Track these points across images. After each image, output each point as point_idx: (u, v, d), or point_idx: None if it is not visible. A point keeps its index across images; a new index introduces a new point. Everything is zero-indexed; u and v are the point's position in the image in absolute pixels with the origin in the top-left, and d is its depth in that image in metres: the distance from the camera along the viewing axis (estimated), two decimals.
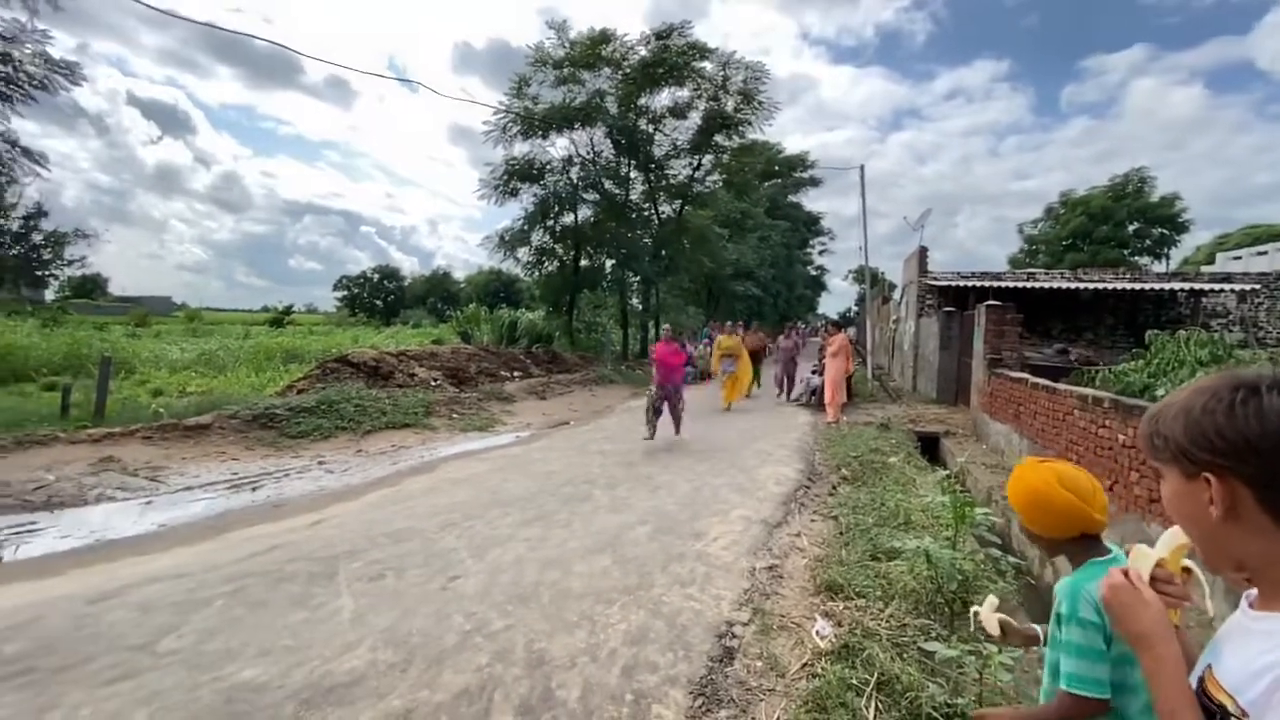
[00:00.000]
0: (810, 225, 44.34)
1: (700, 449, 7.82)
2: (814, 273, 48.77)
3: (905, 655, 2.79)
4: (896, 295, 20.95)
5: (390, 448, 7.70)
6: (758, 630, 3.17)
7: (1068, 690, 1.13)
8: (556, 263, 20.27)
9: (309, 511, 5.02)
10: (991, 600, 1.47)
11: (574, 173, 19.44)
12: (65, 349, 15.51)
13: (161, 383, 12.61)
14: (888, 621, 3.13)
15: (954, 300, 13.99)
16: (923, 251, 15.34)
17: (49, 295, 40.67)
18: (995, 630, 1.42)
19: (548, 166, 19.27)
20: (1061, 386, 6.28)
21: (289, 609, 3.17)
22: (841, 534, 4.61)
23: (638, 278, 21.04)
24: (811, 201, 45.22)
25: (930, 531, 4.27)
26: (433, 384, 11.41)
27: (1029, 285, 14.45)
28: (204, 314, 49.66)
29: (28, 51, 10.62)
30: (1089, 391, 5.62)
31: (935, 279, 15.04)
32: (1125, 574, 0.95)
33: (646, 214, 21.37)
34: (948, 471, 5.65)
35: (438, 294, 66.45)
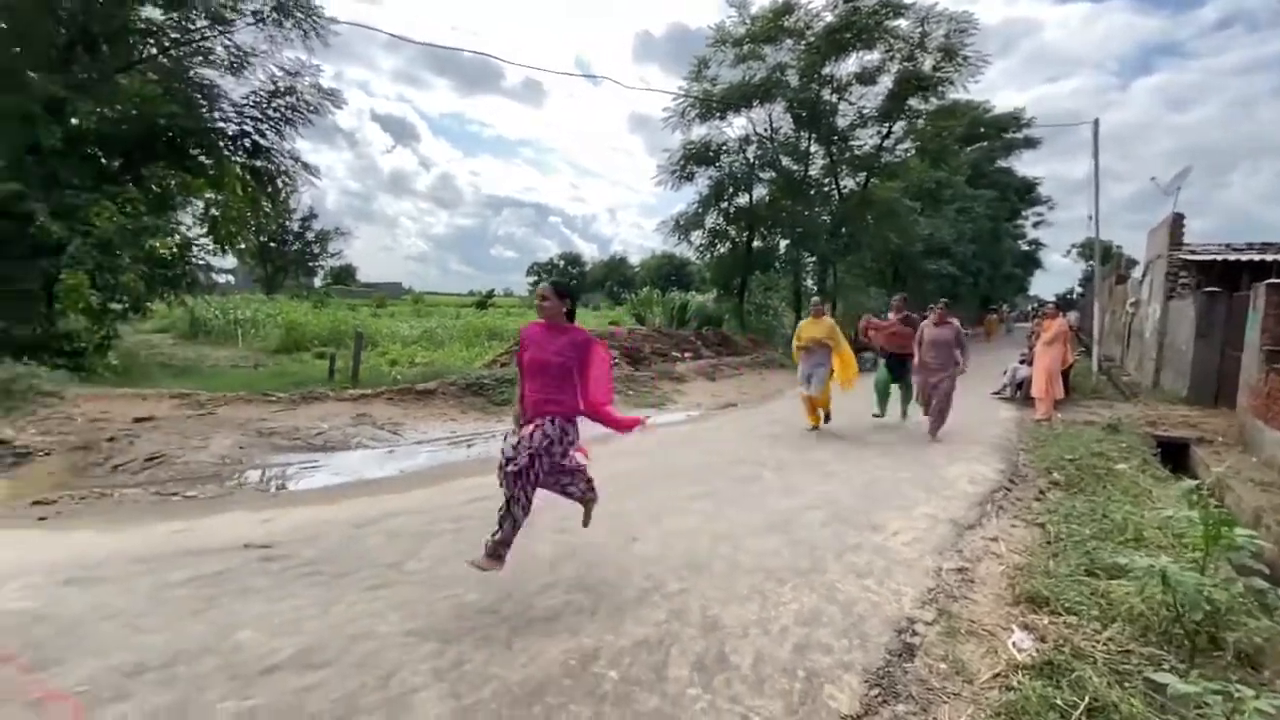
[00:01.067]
0: (1023, 193, 38.55)
1: (880, 439, 7.39)
2: (1026, 248, 42.43)
3: (1126, 684, 2.45)
4: (1136, 273, 17.52)
5: None
6: (942, 632, 2.99)
7: None
8: (729, 244, 20.18)
9: None
10: None
11: (750, 152, 19.11)
12: (329, 326, 19.15)
13: (396, 354, 15.05)
14: (1105, 645, 2.76)
15: (1219, 279, 11.36)
16: (1176, 219, 12.61)
17: (317, 282, 50.56)
18: None
19: (724, 148, 19.18)
20: None
21: None
22: (1049, 543, 4.10)
23: (813, 257, 20.17)
24: (1026, 166, 39.25)
25: (1169, 552, 3.62)
26: (611, 362, 12.15)
27: None
28: (425, 298, 57.87)
29: (306, 83, 13.19)
30: None
31: (1193, 252, 12.32)
32: None
33: (826, 189, 20.33)
34: (1198, 482, 4.69)
35: (614, 278, 70.01)
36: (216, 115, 12.67)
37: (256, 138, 13.11)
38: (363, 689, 2.27)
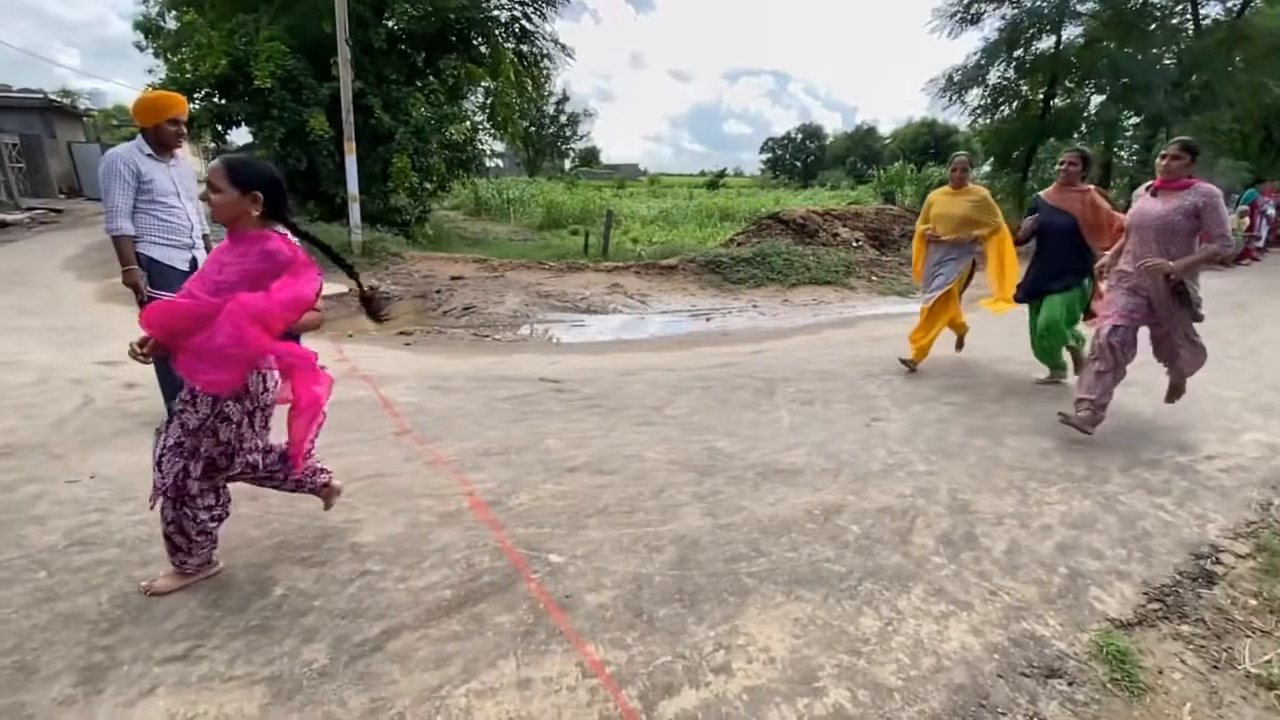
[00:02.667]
0: None
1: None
2: None
3: None
4: None
5: (812, 300, 8.26)
6: (1259, 568, 2.55)
7: None
8: (1017, 104, 16.63)
9: (749, 342, 5.96)
10: None
11: None
12: (581, 205, 20.91)
13: (637, 233, 16.00)
14: None
15: None
16: None
17: (566, 165, 54.75)
18: None
19: None
20: None
21: (742, 409, 3.99)
22: None
23: (1140, 118, 15.69)
24: None
25: None
26: (854, 245, 11.40)
27: None
28: (660, 179, 59.19)
29: None
30: None
31: None
32: None
33: (1175, 22, 15.25)
34: None
35: (858, 151, 62.94)
36: (491, 3, 13.86)
37: (524, 22, 14.14)
38: (640, 495, 2.80)
